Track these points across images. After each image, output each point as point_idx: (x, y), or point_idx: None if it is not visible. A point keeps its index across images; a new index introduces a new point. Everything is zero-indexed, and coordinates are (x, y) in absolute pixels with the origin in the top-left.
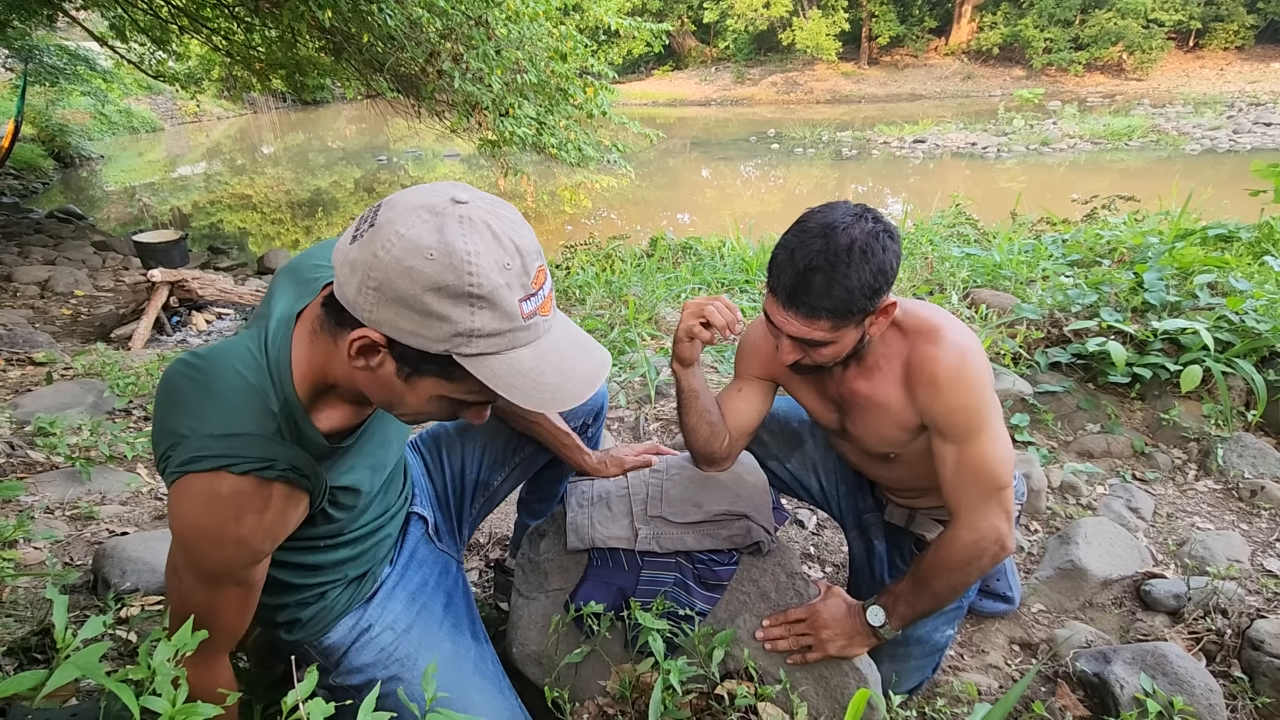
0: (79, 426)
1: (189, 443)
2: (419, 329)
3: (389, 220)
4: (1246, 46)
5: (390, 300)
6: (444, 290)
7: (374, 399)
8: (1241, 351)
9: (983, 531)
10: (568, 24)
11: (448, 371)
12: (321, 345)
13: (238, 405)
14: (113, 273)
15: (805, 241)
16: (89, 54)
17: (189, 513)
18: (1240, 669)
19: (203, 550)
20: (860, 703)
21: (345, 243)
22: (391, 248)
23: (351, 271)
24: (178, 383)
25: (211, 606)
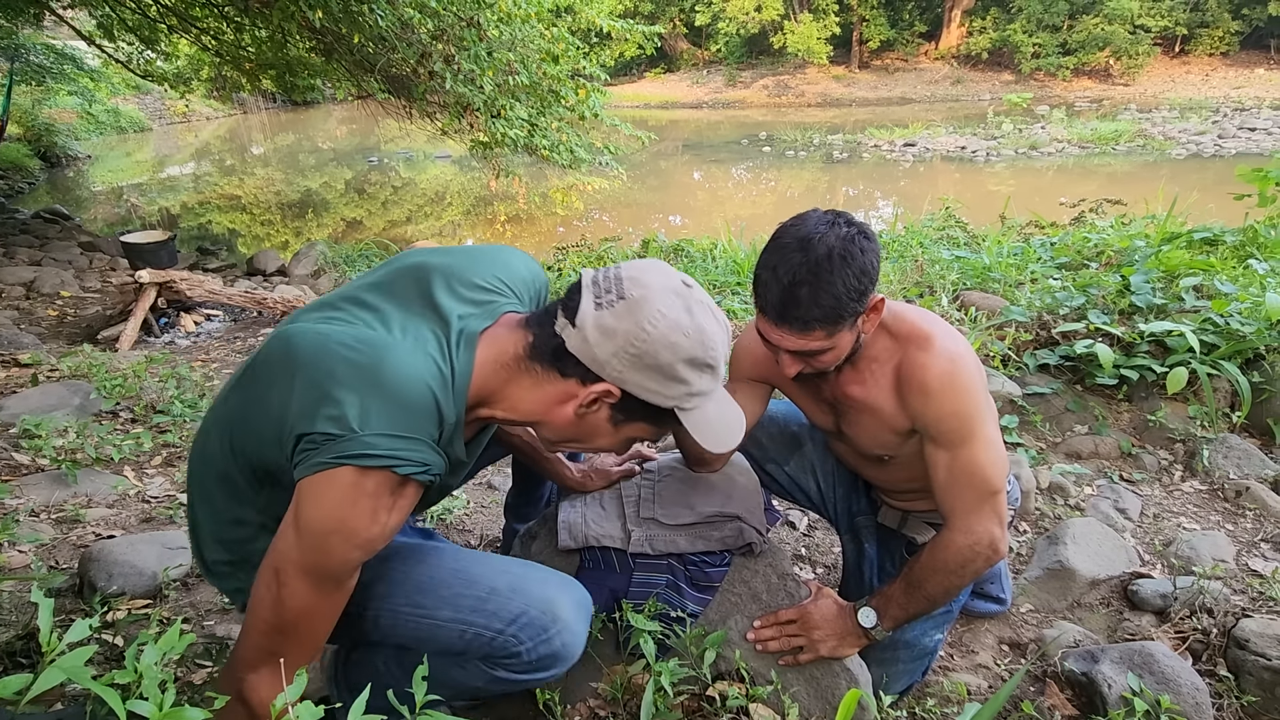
0: (65, 428)
1: (357, 438)
2: (661, 389)
3: (645, 298)
4: (1231, 52)
5: (645, 366)
6: (693, 361)
7: (557, 433)
8: (1226, 354)
9: (977, 535)
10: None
11: (656, 419)
12: (507, 375)
13: (420, 412)
14: (100, 273)
15: (785, 257)
16: (76, 53)
17: (333, 505)
18: (1226, 668)
19: (332, 547)
20: (851, 703)
21: (589, 309)
22: (657, 324)
23: (606, 337)
24: (344, 362)
25: (312, 612)
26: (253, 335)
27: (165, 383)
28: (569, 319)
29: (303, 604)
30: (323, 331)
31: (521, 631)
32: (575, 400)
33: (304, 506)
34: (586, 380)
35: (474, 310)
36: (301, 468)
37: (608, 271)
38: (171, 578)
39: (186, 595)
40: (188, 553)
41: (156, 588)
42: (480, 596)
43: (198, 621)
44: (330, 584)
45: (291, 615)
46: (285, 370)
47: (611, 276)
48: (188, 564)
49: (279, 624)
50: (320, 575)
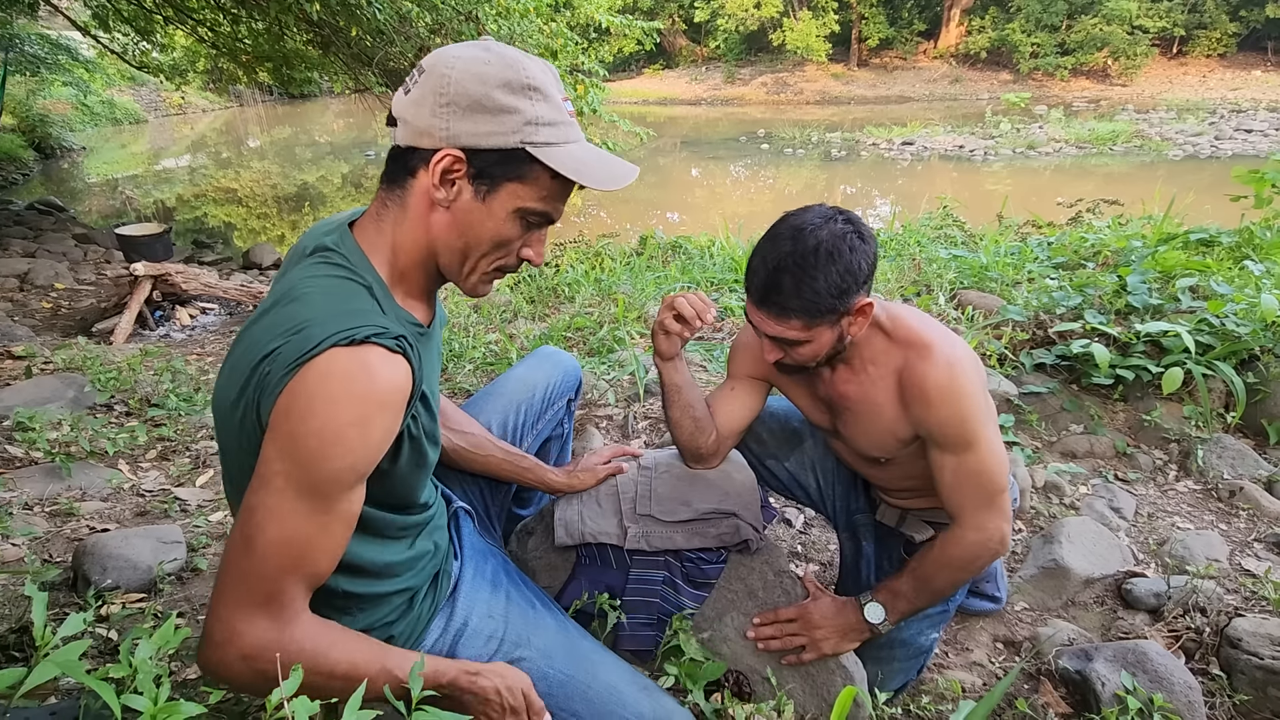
0: (59, 421)
1: (310, 328)
2: (494, 127)
3: (439, 58)
4: (1229, 54)
5: (464, 109)
6: (508, 85)
7: (451, 250)
8: (1222, 354)
9: (988, 532)
10: (558, 21)
11: (522, 172)
12: (389, 221)
13: (344, 292)
14: (94, 266)
15: (776, 244)
16: (71, 43)
17: (324, 398)
18: (1219, 666)
19: (327, 448)
20: (846, 700)
21: (400, 97)
22: (454, 65)
23: (419, 105)
24: (270, 310)
25: (308, 536)
26: None
27: (160, 376)
28: (392, 126)
29: (298, 526)
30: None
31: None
32: (431, 192)
33: (288, 415)
34: (428, 162)
35: (329, 233)
36: (266, 393)
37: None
38: (166, 572)
39: (181, 589)
40: (182, 547)
41: (151, 582)
42: (630, 718)
43: (192, 616)
44: (332, 497)
45: (286, 539)
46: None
47: (413, 71)
48: (182, 558)
49: (267, 551)
50: (315, 487)
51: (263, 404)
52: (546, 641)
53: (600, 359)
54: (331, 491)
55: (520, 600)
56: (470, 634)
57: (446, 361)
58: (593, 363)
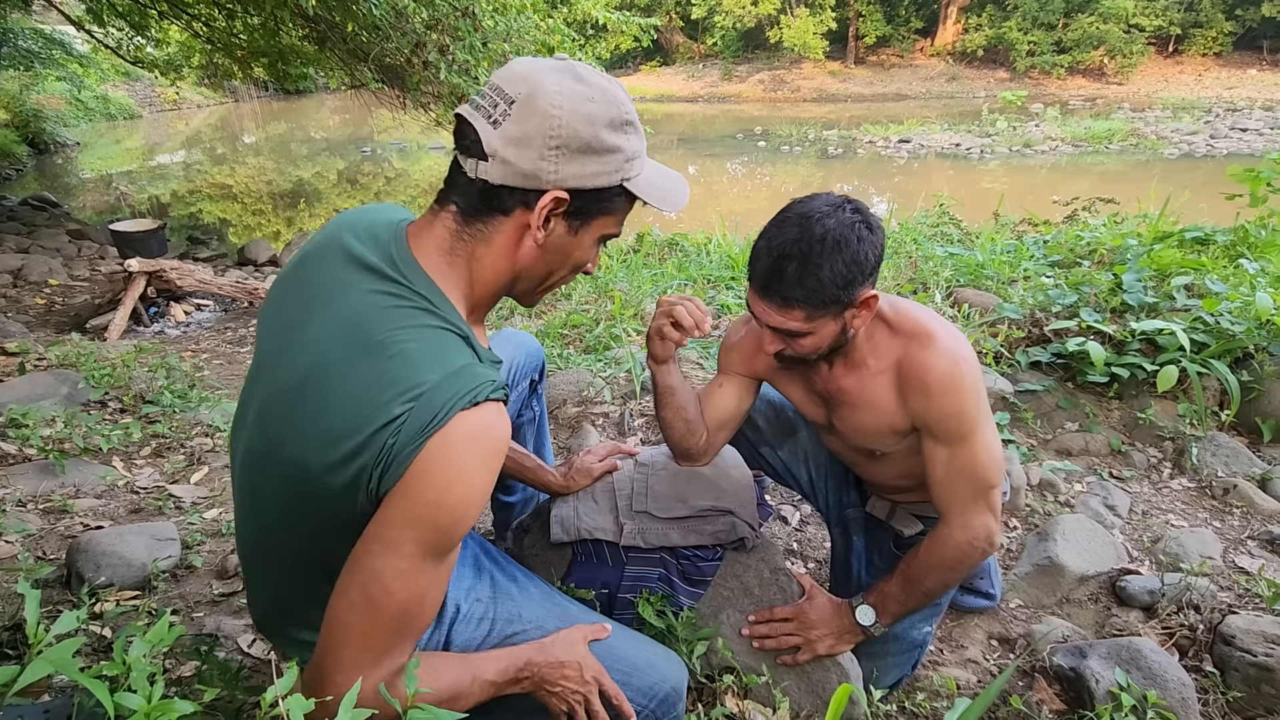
0: (53, 418)
1: (430, 392)
2: (600, 168)
3: (534, 89)
4: (1224, 53)
5: (575, 151)
6: (612, 124)
7: (532, 278)
8: (1216, 352)
9: (974, 531)
10: (555, 17)
11: (612, 206)
12: (465, 255)
13: (447, 347)
14: (88, 262)
15: (782, 231)
16: (65, 38)
17: (460, 467)
18: (1212, 663)
19: (465, 512)
20: (842, 698)
21: (489, 132)
22: (560, 104)
23: (523, 146)
24: (363, 362)
25: (424, 592)
26: (243, 325)
27: (155, 373)
28: (477, 157)
29: (418, 585)
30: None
31: (660, 707)
32: (530, 229)
33: (411, 490)
34: (529, 203)
35: (383, 245)
36: (393, 464)
37: (477, 95)
38: (160, 569)
39: (176, 587)
40: (177, 544)
41: (145, 579)
42: (626, 670)
43: (187, 613)
44: (449, 552)
45: (405, 599)
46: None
47: (488, 92)
48: (177, 555)
49: (387, 614)
50: (440, 547)
51: (387, 475)
52: (535, 612)
53: (597, 356)
54: (454, 547)
55: (504, 579)
56: (462, 619)
57: None
58: (589, 360)
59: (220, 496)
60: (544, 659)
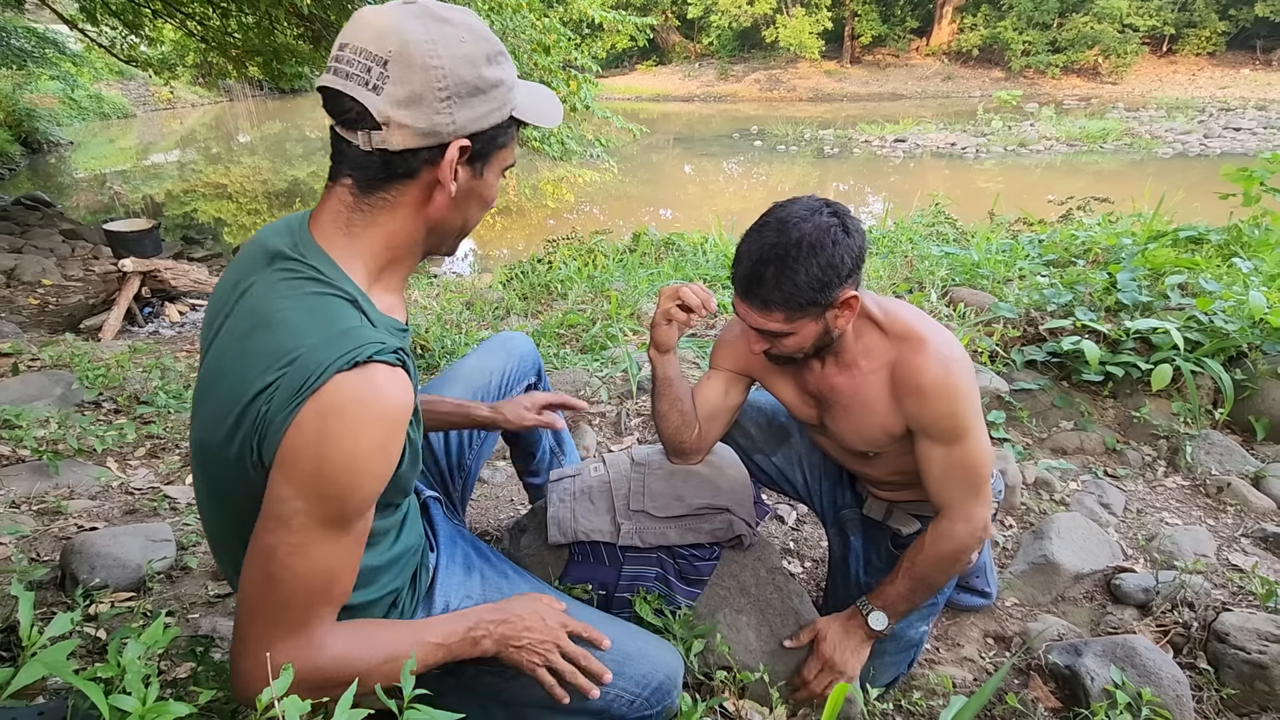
0: (46, 419)
1: (304, 355)
2: (490, 105)
3: (404, 42)
4: (1218, 53)
5: (465, 96)
6: (489, 58)
7: (448, 231)
8: (1210, 351)
9: (976, 522)
10: (551, 16)
11: (506, 138)
12: (364, 225)
13: (329, 310)
14: (82, 262)
15: (761, 235)
16: (58, 37)
17: (340, 430)
18: (1206, 661)
19: (354, 478)
20: (839, 696)
21: (374, 99)
22: (435, 52)
23: (414, 105)
24: (248, 337)
25: (329, 566)
26: None
27: (149, 373)
28: (368, 129)
29: (320, 558)
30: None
31: (654, 695)
32: (439, 185)
33: (292, 459)
34: (435, 160)
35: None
36: (269, 433)
37: (335, 61)
38: (155, 570)
39: (171, 588)
40: (172, 545)
41: (140, 580)
42: (619, 660)
43: (182, 615)
44: (351, 523)
45: (309, 572)
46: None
47: (350, 56)
48: (172, 556)
49: (291, 587)
50: (337, 517)
51: (265, 444)
52: None
53: (593, 356)
54: (354, 518)
55: (494, 576)
56: None
57: (439, 358)
58: (585, 359)
59: None
60: (498, 616)
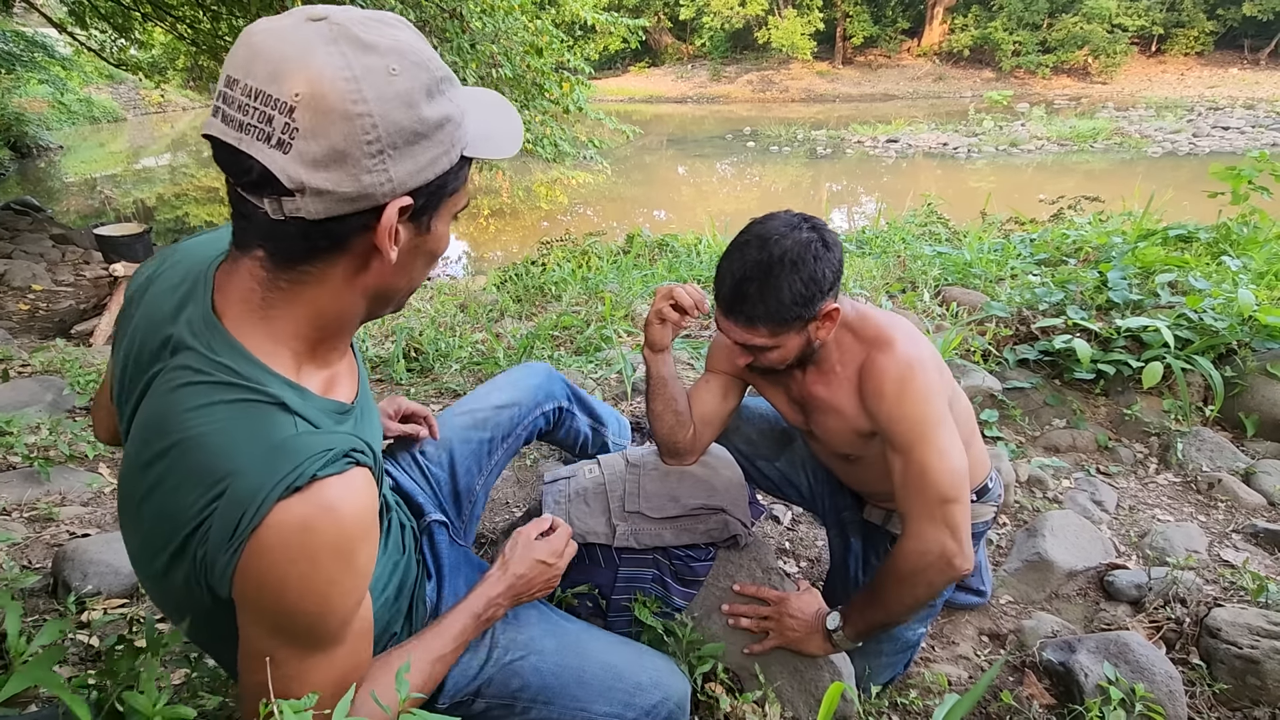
0: (37, 425)
1: (234, 484)
2: (437, 149)
3: (315, 83)
4: (1206, 52)
5: (402, 146)
6: (429, 90)
7: (392, 294)
8: (1200, 349)
9: (926, 543)
10: (543, 18)
11: (456, 182)
12: (285, 305)
13: (254, 424)
14: (73, 266)
15: (743, 253)
16: (47, 40)
17: (293, 566)
18: (1199, 656)
19: (322, 606)
20: (834, 695)
21: (280, 160)
22: (361, 93)
23: (334, 165)
24: (160, 461)
25: (340, 671)
26: None
27: None
28: (277, 194)
29: (315, 680)
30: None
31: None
32: (378, 252)
33: (251, 602)
34: (370, 225)
35: (183, 306)
36: (215, 576)
37: (223, 103)
38: None
39: None
40: None
41: (133, 586)
42: (630, 690)
43: None
44: (333, 642)
45: (311, 690)
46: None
47: (240, 99)
48: None
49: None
50: (322, 638)
51: (215, 584)
52: (533, 636)
53: (588, 358)
54: (340, 631)
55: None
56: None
57: (433, 361)
58: (580, 361)
59: None
60: (502, 588)
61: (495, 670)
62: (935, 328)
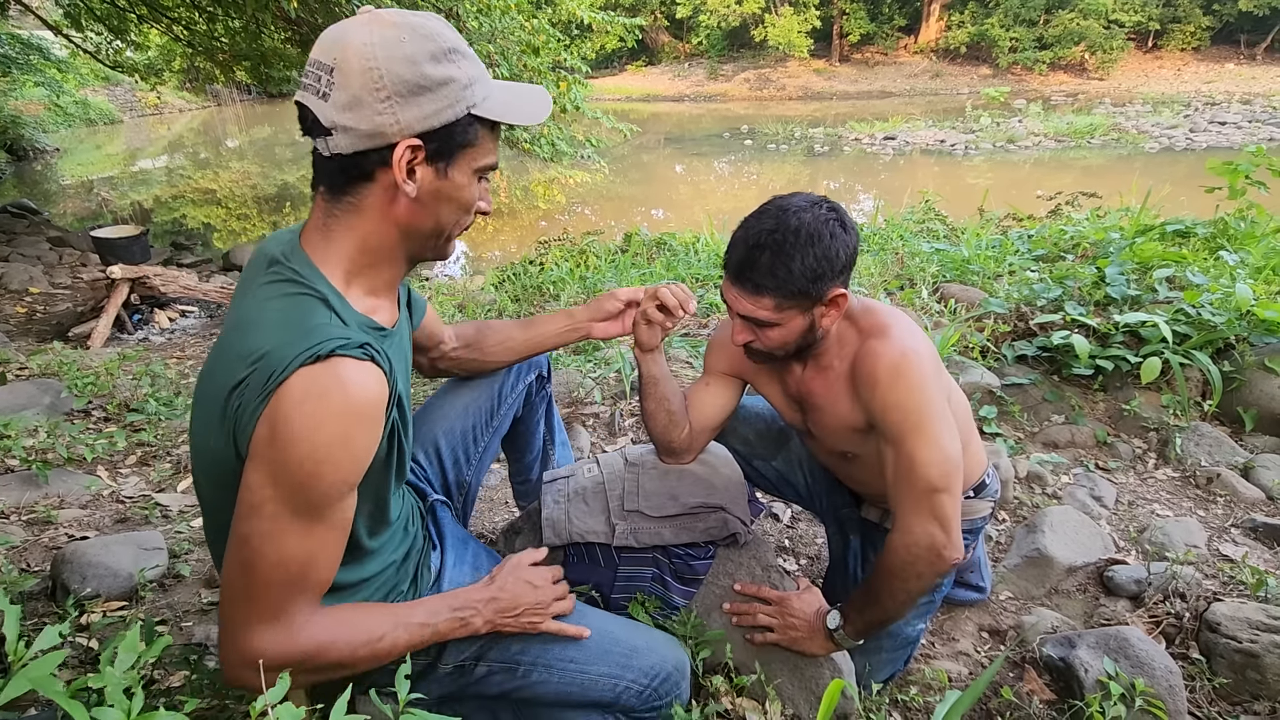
0: (35, 428)
1: (273, 352)
2: (439, 104)
3: (347, 50)
4: (1203, 48)
5: (406, 95)
6: (433, 56)
7: (422, 234)
8: (1198, 344)
9: (914, 536)
10: (540, 17)
11: (471, 136)
12: (340, 228)
13: (299, 309)
14: (70, 269)
15: (760, 221)
16: (43, 43)
17: (304, 421)
18: (1198, 651)
19: (317, 468)
20: (834, 692)
21: (319, 104)
22: (374, 55)
23: (355, 108)
24: (227, 337)
25: (307, 552)
26: None
27: (139, 380)
28: (323, 135)
29: (296, 545)
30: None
31: (662, 686)
32: (397, 187)
33: (261, 449)
34: (387, 161)
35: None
36: (241, 424)
37: (305, 72)
38: (148, 579)
39: (164, 596)
40: (164, 553)
41: (132, 589)
42: (626, 653)
43: (175, 623)
44: (324, 512)
45: (284, 559)
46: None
47: (310, 69)
48: (164, 564)
49: (267, 575)
50: (307, 505)
51: (239, 436)
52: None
53: (586, 357)
54: (324, 507)
55: None
56: None
57: None
58: (578, 361)
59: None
60: (485, 595)
61: (491, 646)
62: (934, 324)
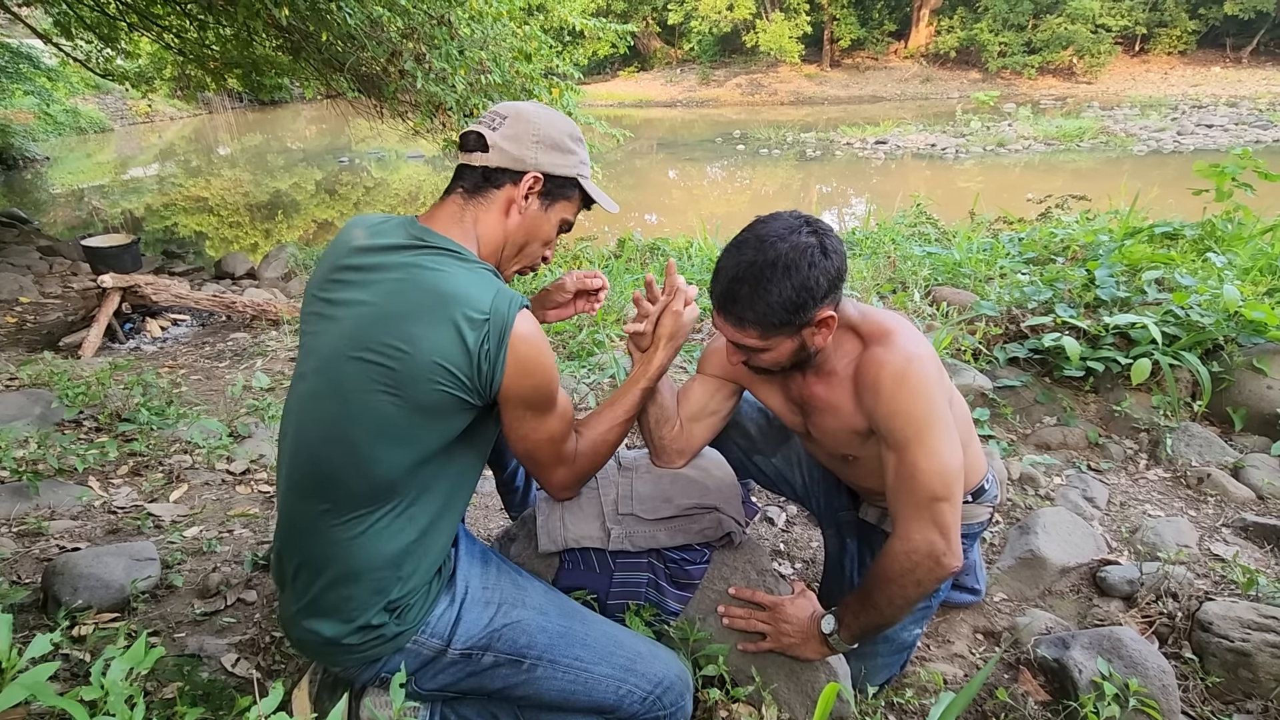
0: (26, 439)
1: (496, 308)
2: (563, 161)
3: (518, 112)
4: (1189, 51)
5: (549, 146)
6: (572, 135)
7: (515, 244)
8: (1187, 344)
9: (914, 543)
10: (532, 24)
11: (570, 194)
12: (470, 220)
13: (488, 274)
14: (60, 278)
15: (740, 253)
16: (32, 51)
17: (538, 354)
18: (1191, 650)
19: (553, 381)
20: (829, 697)
21: (491, 133)
22: (541, 117)
23: (515, 141)
24: (423, 283)
25: (557, 427)
26: (221, 340)
27: (131, 390)
28: (480, 150)
29: (561, 426)
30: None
31: (665, 695)
32: (516, 202)
33: (519, 381)
34: (516, 181)
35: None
36: (497, 364)
37: (481, 117)
38: (140, 590)
39: (156, 607)
40: (156, 564)
41: (124, 600)
42: (630, 657)
43: (168, 634)
44: (552, 405)
45: (554, 433)
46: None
47: (486, 115)
48: (156, 575)
49: (555, 444)
50: (559, 399)
51: (494, 379)
52: (538, 601)
53: (580, 362)
54: (557, 398)
55: (509, 570)
56: (470, 600)
57: None
58: (573, 366)
59: (200, 514)
60: (660, 356)
61: (503, 625)
62: (926, 327)
